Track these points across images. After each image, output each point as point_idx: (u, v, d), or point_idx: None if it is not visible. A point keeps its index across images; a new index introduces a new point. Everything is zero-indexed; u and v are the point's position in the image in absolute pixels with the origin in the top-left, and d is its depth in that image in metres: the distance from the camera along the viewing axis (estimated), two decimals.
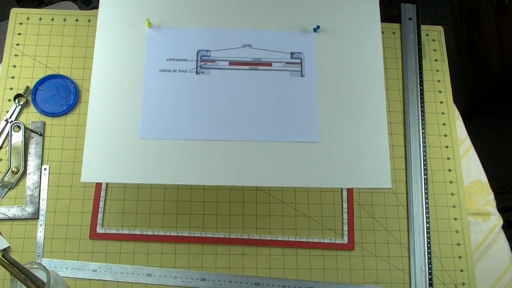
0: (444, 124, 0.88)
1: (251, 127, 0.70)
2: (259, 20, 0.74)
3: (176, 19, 0.73)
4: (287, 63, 0.72)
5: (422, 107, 0.87)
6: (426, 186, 0.83)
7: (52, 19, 0.89)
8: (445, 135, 0.87)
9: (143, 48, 0.72)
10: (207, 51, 0.72)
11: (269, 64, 0.72)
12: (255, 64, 0.72)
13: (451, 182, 0.84)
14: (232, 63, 0.72)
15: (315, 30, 0.73)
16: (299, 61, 0.72)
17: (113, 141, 0.68)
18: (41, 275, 0.63)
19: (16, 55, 0.86)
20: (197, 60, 0.72)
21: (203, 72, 0.71)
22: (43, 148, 0.81)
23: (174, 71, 0.71)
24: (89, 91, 0.84)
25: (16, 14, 0.88)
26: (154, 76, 0.71)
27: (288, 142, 0.69)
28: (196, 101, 0.70)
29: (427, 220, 0.81)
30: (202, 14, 0.73)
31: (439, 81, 0.91)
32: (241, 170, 0.68)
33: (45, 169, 0.80)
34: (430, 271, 0.78)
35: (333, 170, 0.68)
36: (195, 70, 0.71)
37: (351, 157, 0.69)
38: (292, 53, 0.73)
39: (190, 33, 0.73)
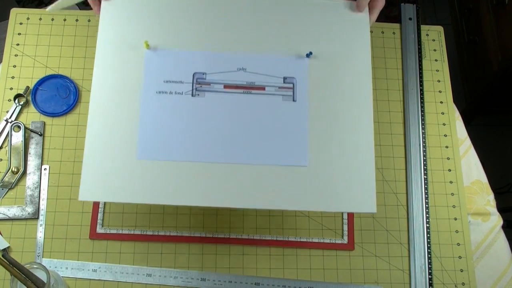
0: (444, 124, 0.88)
1: (244, 150, 0.71)
2: (254, 44, 0.75)
3: (173, 41, 0.74)
4: (279, 87, 0.73)
5: (422, 107, 0.87)
6: (426, 186, 0.83)
7: (52, 19, 0.89)
8: (445, 135, 0.87)
9: (141, 70, 0.73)
10: (203, 73, 0.73)
11: (263, 88, 0.73)
12: (249, 88, 0.73)
13: (451, 182, 0.84)
14: (226, 86, 0.73)
15: (307, 55, 0.74)
16: (291, 85, 0.74)
17: (111, 161, 0.69)
18: (41, 275, 0.63)
19: (16, 55, 0.86)
20: (193, 83, 0.73)
21: (198, 94, 0.73)
22: (43, 148, 0.81)
23: (171, 93, 0.72)
24: (89, 91, 0.85)
25: (16, 14, 0.88)
26: (151, 97, 0.72)
27: (279, 165, 0.71)
28: (191, 124, 0.71)
29: (427, 220, 0.81)
30: (199, 37, 0.75)
31: (439, 81, 0.91)
32: (233, 192, 0.69)
33: (45, 169, 0.80)
34: (430, 271, 0.78)
35: (320, 194, 0.70)
36: (191, 92, 0.73)
37: (338, 182, 0.70)
38: (285, 78, 0.74)
39: (187, 55, 0.74)
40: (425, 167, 0.84)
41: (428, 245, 0.80)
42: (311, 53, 0.74)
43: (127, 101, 0.72)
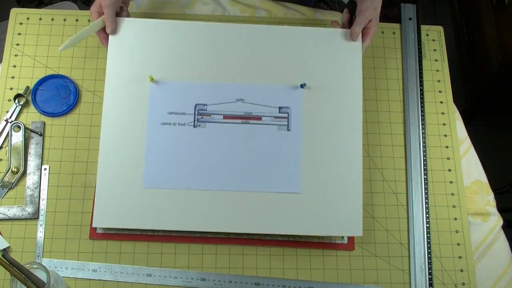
0: (444, 124, 0.88)
1: (242, 178, 0.76)
2: (251, 76, 0.80)
3: (176, 74, 0.79)
4: (275, 117, 0.78)
5: (422, 107, 0.87)
6: (426, 186, 0.83)
7: (52, 19, 0.89)
8: (445, 135, 0.87)
9: (147, 103, 0.78)
10: (204, 105, 0.78)
11: (259, 118, 0.78)
12: (246, 118, 0.78)
13: (451, 182, 0.84)
14: (226, 117, 0.78)
15: (302, 86, 0.78)
16: (286, 115, 0.78)
17: (120, 190, 0.75)
18: (41, 275, 0.63)
19: (16, 55, 0.86)
20: (194, 114, 0.78)
21: (200, 125, 0.77)
22: (43, 148, 0.81)
23: (174, 124, 0.77)
24: (89, 91, 0.85)
25: (16, 14, 0.88)
26: (156, 129, 0.77)
27: (274, 192, 0.76)
28: (193, 154, 0.76)
29: (427, 220, 0.81)
30: (200, 70, 0.79)
31: (439, 81, 0.91)
32: (232, 218, 0.75)
33: (45, 169, 0.80)
34: (430, 271, 0.78)
35: (312, 219, 0.75)
36: (192, 123, 0.77)
37: (329, 208, 0.76)
38: (280, 108, 0.78)
39: (189, 87, 0.79)
40: (425, 167, 0.84)
41: (428, 245, 0.80)
42: (305, 84, 0.78)
43: (135, 132, 0.77)
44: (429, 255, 0.79)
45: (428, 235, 0.80)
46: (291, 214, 0.75)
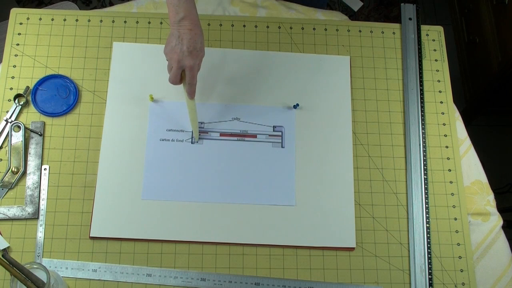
0: (444, 124, 0.88)
1: (238, 191, 0.79)
2: (247, 97, 0.84)
3: (175, 94, 0.83)
4: (270, 135, 0.82)
5: (422, 107, 0.87)
6: (426, 186, 0.83)
7: (52, 19, 0.88)
8: (445, 135, 0.87)
9: (146, 120, 0.82)
10: (202, 123, 0.82)
11: (254, 136, 0.82)
12: (242, 135, 0.82)
13: (451, 182, 0.84)
14: (222, 134, 0.82)
15: (295, 107, 0.84)
16: (280, 133, 0.82)
17: (118, 201, 0.77)
18: (41, 275, 0.63)
19: (16, 55, 0.86)
20: (192, 131, 0.81)
21: (197, 142, 0.81)
22: (43, 148, 0.81)
23: (173, 140, 0.81)
24: (89, 91, 0.85)
25: (16, 14, 0.88)
26: (155, 144, 0.81)
27: (270, 205, 0.79)
28: (191, 168, 0.80)
29: (427, 220, 0.81)
30: (198, 90, 0.81)
31: (439, 81, 0.91)
32: (229, 229, 0.77)
33: (45, 169, 0.80)
34: (430, 271, 0.78)
35: (306, 231, 0.78)
36: (190, 140, 0.81)
37: (323, 220, 0.79)
38: (274, 127, 0.83)
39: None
40: (425, 167, 0.84)
41: (428, 245, 0.80)
42: (298, 104, 0.83)
43: (134, 147, 0.80)
44: (429, 255, 0.79)
45: (428, 235, 0.80)
46: (287, 226, 0.78)
